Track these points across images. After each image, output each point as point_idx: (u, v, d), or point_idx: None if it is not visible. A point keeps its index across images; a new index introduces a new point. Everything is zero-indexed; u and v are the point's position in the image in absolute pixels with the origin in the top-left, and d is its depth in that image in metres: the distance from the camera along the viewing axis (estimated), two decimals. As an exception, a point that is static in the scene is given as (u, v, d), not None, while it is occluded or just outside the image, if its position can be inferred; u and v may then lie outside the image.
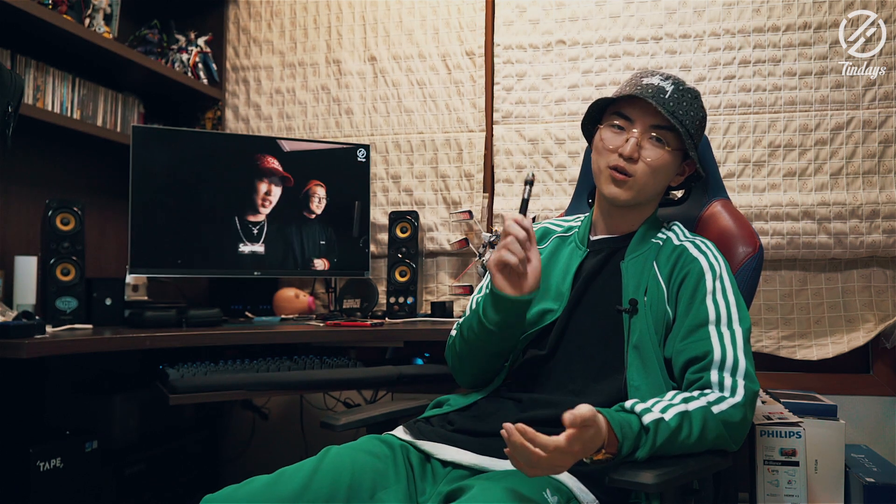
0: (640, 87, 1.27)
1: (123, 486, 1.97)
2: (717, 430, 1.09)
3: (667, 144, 1.27)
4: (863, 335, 2.03)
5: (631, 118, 1.28)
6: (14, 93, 1.57)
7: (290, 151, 2.23)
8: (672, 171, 1.32)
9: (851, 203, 2.01)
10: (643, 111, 1.27)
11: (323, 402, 2.48)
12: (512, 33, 2.33)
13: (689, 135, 1.27)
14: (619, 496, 1.10)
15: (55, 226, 1.84)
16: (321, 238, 2.25)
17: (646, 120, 1.27)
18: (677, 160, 1.31)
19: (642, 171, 1.26)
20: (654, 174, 1.27)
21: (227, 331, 1.86)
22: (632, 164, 1.26)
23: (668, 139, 1.27)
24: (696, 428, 1.07)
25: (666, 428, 1.05)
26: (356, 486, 1.10)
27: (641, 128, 1.27)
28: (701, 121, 1.32)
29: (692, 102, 1.29)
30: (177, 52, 2.51)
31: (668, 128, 1.26)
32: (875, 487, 1.59)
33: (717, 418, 1.09)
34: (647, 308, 1.23)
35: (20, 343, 1.49)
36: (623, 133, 1.28)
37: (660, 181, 1.30)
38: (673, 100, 1.26)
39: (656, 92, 1.26)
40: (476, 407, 1.29)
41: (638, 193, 1.28)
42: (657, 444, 1.04)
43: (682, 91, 1.28)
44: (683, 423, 1.07)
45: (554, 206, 2.24)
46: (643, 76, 1.31)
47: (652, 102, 1.24)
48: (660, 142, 1.27)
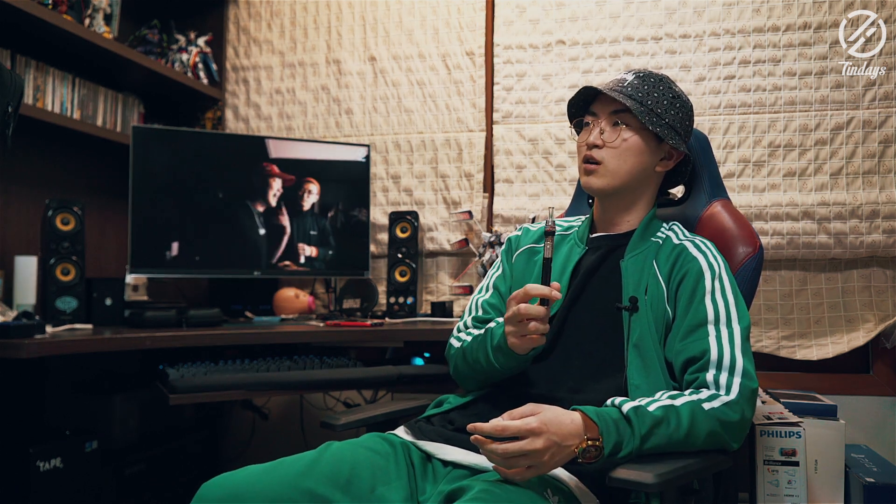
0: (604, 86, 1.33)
1: (123, 486, 1.97)
2: (710, 425, 1.08)
3: (627, 125, 1.30)
4: (863, 335, 2.03)
5: (595, 112, 1.34)
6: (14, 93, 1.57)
7: (291, 151, 2.23)
8: (644, 153, 1.31)
9: (851, 203, 2.01)
10: (605, 103, 1.32)
11: (323, 402, 2.48)
12: (512, 33, 2.33)
13: (653, 112, 1.28)
14: (619, 496, 1.10)
15: (55, 226, 1.84)
16: (311, 228, 2.26)
17: (606, 109, 1.32)
18: (648, 141, 1.31)
19: (609, 155, 1.30)
20: (620, 156, 1.30)
21: (227, 331, 1.86)
22: (598, 151, 1.31)
23: (626, 120, 1.30)
24: (684, 421, 1.07)
25: (648, 416, 1.05)
26: (356, 479, 1.11)
27: (603, 117, 1.32)
28: (671, 101, 1.31)
29: (655, 85, 1.31)
30: (177, 52, 2.51)
31: (625, 109, 1.29)
32: (875, 487, 1.58)
33: (708, 414, 1.08)
34: (648, 306, 1.23)
35: (20, 343, 1.49)
36: (590, 127, 1.34)
37: (631, 163, 1.31)
38: (632, 86, 1.31)
39: (616, 83, 1.32)
40: (476, 405, 1.30)
41: (611, 178, 1.31)
42: (643, 434, 1.04)
43: (642, 77, 1.32)
44: (669, 416, 1.07)
45: (554, 207, 2.24)
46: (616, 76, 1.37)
47: (605, 91, 1.29)
48: (617, 124, 1.30)
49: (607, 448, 1.03)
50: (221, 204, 2.14)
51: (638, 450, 1.04)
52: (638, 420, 1.05)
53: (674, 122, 1.31)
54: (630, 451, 1.04)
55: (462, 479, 1.11)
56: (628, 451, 1.04)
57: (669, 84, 1.34)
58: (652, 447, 1.05)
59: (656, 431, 1.05)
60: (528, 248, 1.46)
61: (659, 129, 1.28)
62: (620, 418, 1.06)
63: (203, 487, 1.08)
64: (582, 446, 1.02)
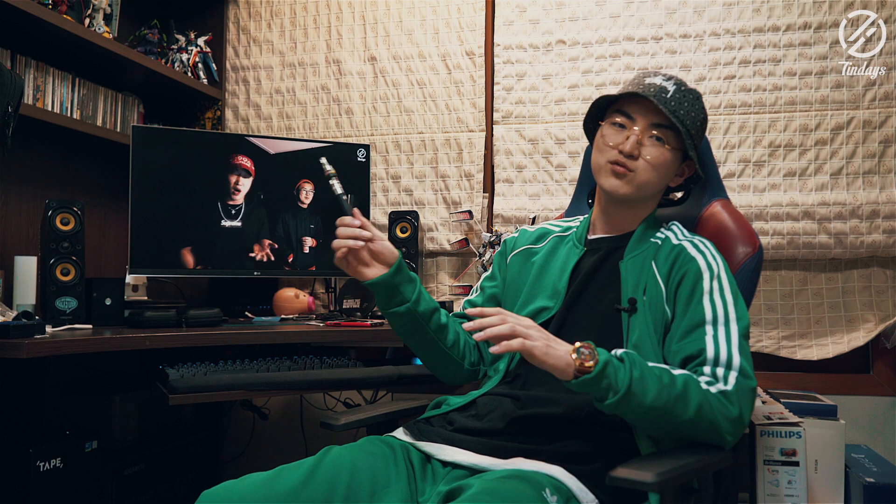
0: (642, 86, 1.28)
1: (123, 486, 1.97)
2: (701, 398, 1.08)
3: (667, 143, 1.27)
4: (863, 335, 2.03)
5: (632, 116, 1.29)
6: (14, 93, 1.57)
7: (290, 151, 2.23)
8: (672, 171, 1.32)
9: (851, 203, 2.01)
10: (645, 109, 1.28)
11: (323, 402, 2.48)
12: (512, 33, 2.33)
13: (690, 135, 1.28)
14: (619, 496, 1.09)
15: (55, 226, 1.83)
16: (311, 223, 2.26)
17: (647, 118, 1.28)
18: (677, 160, 1.31)
19: (643, 168, 1.27)
20: (654, 172, 1.28)
21: (227, 331, 1.86)
22: (632, 160, 1.27)
23: (669, 138, 1.27)
24: (678, 384, 1.07)
25: (641, 364, 1.07)
26: (355, 486, 1.10)
27: (643, 126, 1.28)
28: (702, 122, 1.32)
29: (694, 103, 1.30)
30: (177, 52, 2.51)
31: (669, 126, 1.27)
32: (875, 487, 1.58)
33: (702, 391, 1.09)
34: (647, 307, 1.23)
35: (20, 343, 1.48)
36: (624, 130, 1.29)
37: (660, 179, 1.30)
38: (675, 99, 1.27)
39: (658, 91, 1.27)
40: (475, 406, 1.29)
41: (638, 189, 1.29)
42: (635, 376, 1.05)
43: (683, 92, 1.29)
44: (663, 374, 1.08)
45: (554, 207, 2.24)
46: (646, 76, 1.32)
47: (653, 101, 1.25)
48: (660, 140, 1.27)
49: (601, 358, 1.04)
50: (221, 204, 2.14)
51: (628, 387, 1.04)
52: (630, 362, 1.07)
53: (698, 141, 1.32)
54: (624, 384, 1.04)
55: (461, 479, 1.11)
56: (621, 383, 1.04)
57: (702, 102, 1.33)
58: (642, 392, 1.05)
59: (648, 379, 1.06)
60: (524, 250, 1.46)
61: (693, 154, 1.29)
62: (612, 355, 1.08)
63: (203, 496, 1.07)
64: (575, 347, 1.05)
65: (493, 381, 1.34)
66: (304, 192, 2.26)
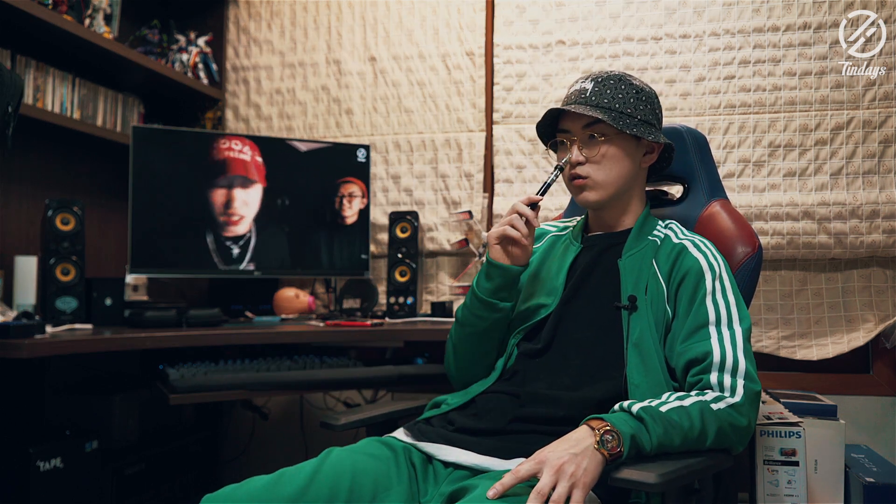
0: (565, 100, 1.34)
1: (123, 486, 1.97)
2: (718, 424, 1.08)
3: (602, 136, 1.29)
4: (863, 335, 2.03)
5: (567, 129, 1.33)
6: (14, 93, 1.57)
7: (290, 151, 2.23)
8: (626, 157, 1.31)
9: (851, 203, 2.01)
10: (574, 117, 1.31)
11: (323, 402, 2.48)
12: (512, 33, 2.33)
13: (624, 114, 1.28)
14: (620, 496, 1.10)
15: (55, 226, 1.84)
16: (311, 228, 2.25)
17: (578, 123, 1.31)
18: (626, 144, 1.31)
19: (594, 170, 1.30)
20: (606, 168, 1.30)
21: (227, 331, 1.86)
22: (583, 167, 1.31)
23: (601, 130, 1.29)
24: (696, 422, 1.07)
25: (660, 416, 1.05)
26: (357, 488, 1.10)
27: (577, 132, 1.31)
28: (635, 96, 1.30)
29: (617, 85, 1.30)
30: (177, 52, 2.51)
31: (596, 121, 1.28)
32: (875, 487, 1.58)
33: (716, 415, 1.09)
34: (648, 305, 1.23)
35: (20, 343, 1.49)
36: (566, 145, 1.33)
37: (619, 172, 1.31)
38: (595, 94, 1.30)
39: (577, 96, 1.31)
40: (474, 404, 1.29)
41: (603, 190, 1.31)
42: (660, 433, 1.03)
43: (602, 81, 1.31)
44: (681, 416, 1.07)
45: (553, 207, 2.24)
46: (573, 86, 1.35)
47: (571, 108, 1.28)
48: (593, 138, 1.30)
49: (625, 437, 1.01)
50: (220, 204, 2.14)
51: (656, 448, 1.04)
52: (651, 419, 1.04)
53: (645, 116, 1.31)
54: (649, 448, 1.03)
55: (464, 480, 1.11)
56: (647, 448, 1.03)
57: (629, 80, 1.32)
58: (668, 445, 1.05)
59: (672, 431, 1.05)
60: None
61: (635, 130, 1.28)
62: (630, 417, 1.05)
63: (205, 500, 1.07)
64: (597, 438, 1.00)
65: (490, 379, 1.34)
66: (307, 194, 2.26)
